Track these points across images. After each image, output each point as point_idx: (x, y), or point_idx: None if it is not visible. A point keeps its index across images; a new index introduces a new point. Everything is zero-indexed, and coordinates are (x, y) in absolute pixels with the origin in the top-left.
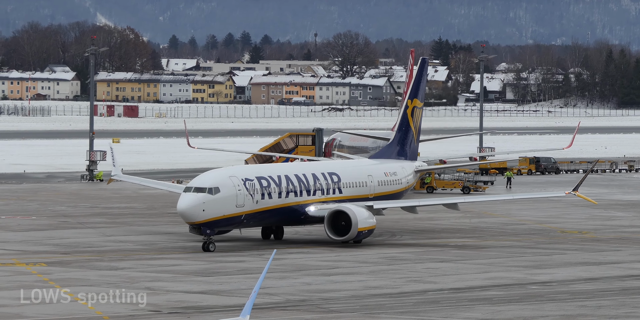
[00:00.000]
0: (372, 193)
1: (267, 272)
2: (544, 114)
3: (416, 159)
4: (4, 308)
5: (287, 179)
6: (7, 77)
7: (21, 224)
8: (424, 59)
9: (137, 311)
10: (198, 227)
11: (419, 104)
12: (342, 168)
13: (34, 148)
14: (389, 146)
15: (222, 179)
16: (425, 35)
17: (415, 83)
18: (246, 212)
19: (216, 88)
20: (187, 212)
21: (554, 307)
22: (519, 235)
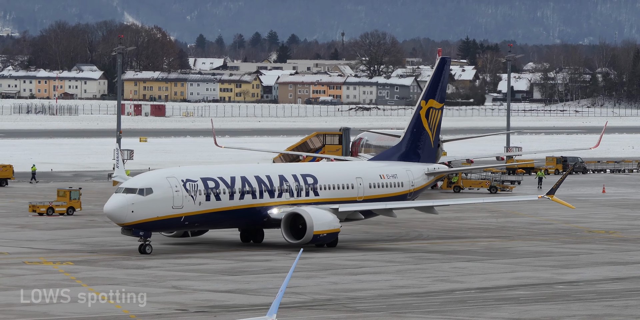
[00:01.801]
0: (361, 196)
1: (293, 271)
2: (571, 113)
3: (434, 161)
4: (31, 306)
5: (243, 180)
6: (34, 76)
7: (48, 222)
8: (443, 59)
9: (164, 310)
10: (130, 229)
11: (437, 104)
12: (321, 170)
13: (61, 147)
14: (395, 148)
15: (157, 180)
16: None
17: (432, 83)
18: (186, 214)
19: (243, 87)
20: (113, 213)
21: (580, 307)
22: (546, 235)
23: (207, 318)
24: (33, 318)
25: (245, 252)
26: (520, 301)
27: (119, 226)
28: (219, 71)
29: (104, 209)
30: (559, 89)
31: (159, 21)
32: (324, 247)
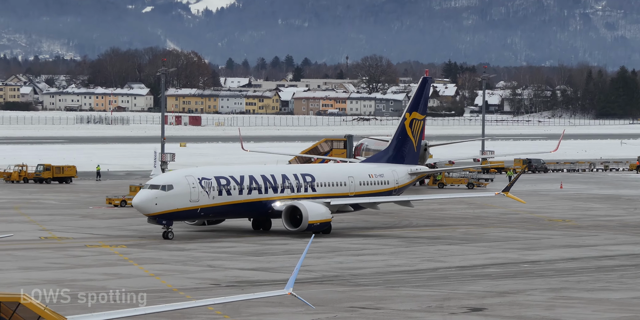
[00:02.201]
0: (353, 191)
1: (306, 253)
2: (535, 123)
3: (417, 162)
4: (91, 282)
5: (251, 179)
6: (93, 92)
7: (105, 213)
8: (424, 78)
9: (201, 284)
10: (154, 218)
11: (420, 116)
12: (319, 170)
13: (115, 151)
14: (384, 152)
15: (177, 178)
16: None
17: (415, 98)
18: (202, 206)
19: (265, 102)
20: (139, 206)
21: (541, 282)
22: (513, 223)
23: (235, 291)
24: (93, 291)
25: (267, 238)
26: (492, 277)
27: (146, 216)
28: (245, 88)
29: (132, 202)
30: (525, 103)
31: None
32: (319, 234)
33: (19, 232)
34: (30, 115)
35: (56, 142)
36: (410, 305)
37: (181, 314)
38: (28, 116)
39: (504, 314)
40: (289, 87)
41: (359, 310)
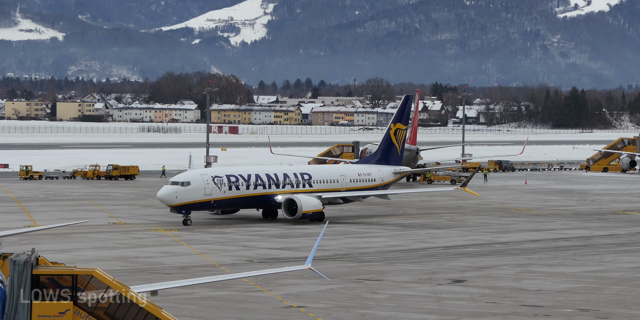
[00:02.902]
0: (344, 187)
1: (322, 236)
2: (505, 132)
3: (400, 164)
4: (150, 258)
5: (256, 177)
6: (152, 107)
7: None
8: (407, 96)
9: (237, 261)
10: (175, 208)
11: (402, 126)
12: (315, 170)
13: (170, 154)
14: (373, 155)
15: (194, 176)
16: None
17: (399, 111)
18: (215, 199)
19: (289, 115)
20: (163, 198)
21: (511, 259)
22: (488, 212)
23: (265, 265)
24: (152, 266)
25: (290, 225)
26: (471, 255)
27: (168, 207)
28: (273, 104)
29: (157, 195)
30: (496, 115)
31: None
32: (313, 221)
33: (93, 218)
34: (102, 125)
35: (123, 147)
36: (405, 278)
37: (222, 285)
38: (100, 126)
39: (481, 284)
40: (308, 103)
41: (364, 281)
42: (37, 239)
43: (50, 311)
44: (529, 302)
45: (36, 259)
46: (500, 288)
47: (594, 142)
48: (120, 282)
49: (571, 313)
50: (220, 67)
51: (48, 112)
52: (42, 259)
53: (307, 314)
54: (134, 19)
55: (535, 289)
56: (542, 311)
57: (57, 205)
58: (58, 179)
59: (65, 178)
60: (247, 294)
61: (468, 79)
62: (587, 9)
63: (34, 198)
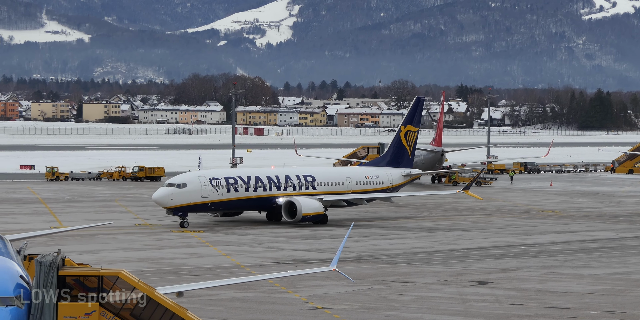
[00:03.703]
0: (350, 190)
1: (347, 237)
2: (530, 134)
3: (411, 167)
4: (176, 259)
5: (257, 179)
6: (178, 109)
7: None
8: (418, 98)
9: (263, 262)
10: (171, 211)
11: (413, 129)
12: (319, 172)
13: (196, 155)
14: (382, 157)
15: (190, 178)
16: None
17: (410, 113)
18: (212, 201)
19: (314, 116)
20: (158, 200)
21: (536, 261)
22: (513, 213)
23: (291, 267)
24: (178, 267)
25: (314, 227)
26: (496, 257)
27: (164, 209)
28: (299, 106)
29: (152, 197)
30: (521, 117)
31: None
32: (314, 224)
33: (118, 220)
34: (128, 127)
35: (148, 148)
36: (430, 279)
37: (248, 286)
38: (126, 128)
39: (506, 286)
40: (333, 104)
41: (389, 283)
42: (63, 240)
43: (76, 312)
44: (554, 304)
45: (62, 260)
46: (526, 290)
47: (619, 144)
48: (146, 284)
49: (596, 315)
50: (246, 68)
51: (74, 113)
52: (68, 260)
53: (332, 315)
54: (160, 20)
55: (561, 291)
56: (567, 313)
57: (83, 206)
58: (84, 180)
59: (91, 179)
60: (272, 296)
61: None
62: (612, 10)
63: (60, 199)
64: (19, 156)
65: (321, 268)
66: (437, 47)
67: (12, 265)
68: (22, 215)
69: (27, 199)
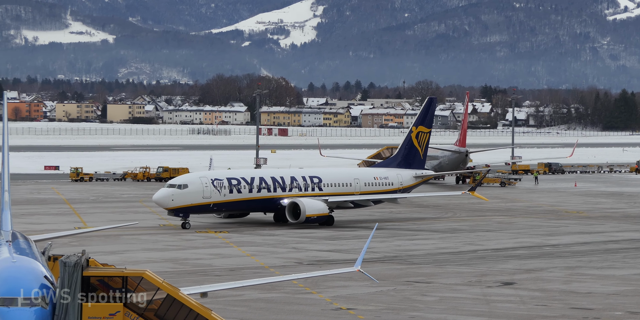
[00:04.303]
0: (358, 191)
1: (371, 238)
2: (554, 134)
3: (422, 168)
4: (200, 260)
5: (260, 180)
6: (202, 109)
7: None
8: (430, 98)
9: (287, 263)
10: (172, 212)
11: (425, 129)
12: (326, 173)
13: (220, 156)
14: (393, 159)
15: (192, 179)
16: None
17: (422, 114)
18: (214, 202)
19: (338, 117)
20: (158, 201)
21: (560, 262)
22: (537, 214)
23: (315, 268)
24: (202, 267)
25: (339, 227)
26: (520, 258)
27: (165, 210)
28: (323, 106)
29: (153, 198)
30: (546, 118)
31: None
32: (322, 226)
33: (143, 220)
34: (152, 127)
35: (173, 149)
36: (454, 280)
37: (272, 287)
38: (151, 128)
39: (530, 287)
40: (357, 105)
41: (414, 283)
42: (87, 241)
43: (100, 313)
44: (578, 305)
45: (86, 260)
46: (550, 291)
47: None
48: (170, 284)
49: (621, 316)
50: (270, 69)
51: (98, 114)
52: (93, 261)
53: (356, 316)
54: (184, 21)
55: (585, 291)
56: (592, 314)
57: (108, 207)
58: (108, 180)
59: (115, 180)
60: (296, 296)
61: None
62: (636, 11)
63: (84, 200)
64: (43, 157)
65: (345, 269)
66: (462, 47)
67: (36, 266)
68: (47, 216)
69: (52, 200)
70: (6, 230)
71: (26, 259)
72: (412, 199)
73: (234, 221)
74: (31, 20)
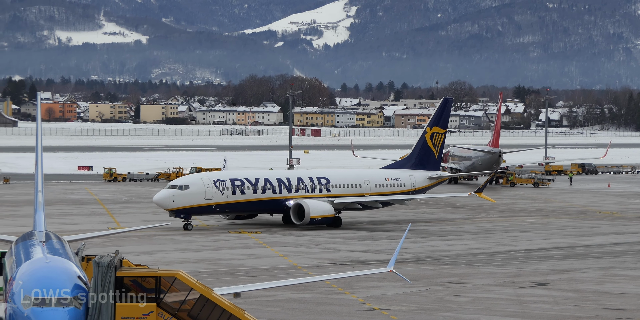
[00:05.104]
0: (368, 192)
1: (404, 238)
2: (587, 135)
3: (437, 169)
4: (233, 260)
5: (265, 181)
6: (235, 110)
7: None
8: (445, 99)
9: (320, 263)
10: (173, 213)
11: (440, 130)
12: (334, 174)
13: (253, 156)
14: (407, 160)
15: (193, 179)
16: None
17: (437, 115)
18: (216, 203)
19: (371, 117)
20: (159, 202)
21: (594, 262)
22: (571, 215)
23: (348, 268)
24: (235, 268)
25: (373, 227)
26: (554, 258)
27: (166, 211)
28: (356, 107)
29: (153, 199)
30: (579, 118)
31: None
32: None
33: (176, 221)
34: (185, 128)
35: (206, 149)
36: (487, 281)
37: (305, 287)
38: (184, 129)
39: (563, 287)
40: (390, 106)
41: (447, 284)
42: (120, 241)
43: (133, 313)
44: (612, 306)
45: (120, 261)
46: (583, 291)
47: None
48: (203, 284)
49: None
50: (303, 69)
51: (132, 114)
52: (126, 261)
53: (389, 316)
54: (217, 22)
55: (619, 292)
56: (625, 315)
57: (141, 207)
58: (141, 181)
59: (148, 180)
60: (329, 297)
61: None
62: None
63: (117, 200)
64: (77, 157)
65: (378, 269)
66: (495, 48)
67: (70, 266)
68: (80, 216)
69: (85, 200)
70: (40, 230)
71: (60, 259)
72: (421, 200)
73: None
74: (65, 21)
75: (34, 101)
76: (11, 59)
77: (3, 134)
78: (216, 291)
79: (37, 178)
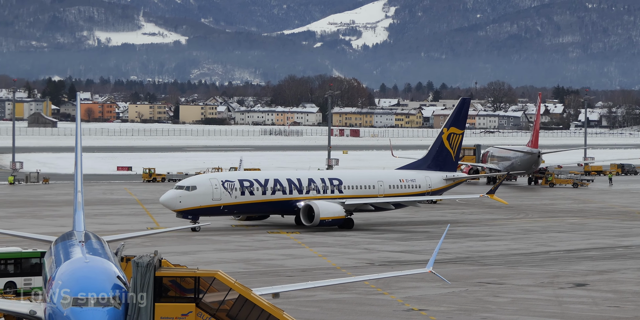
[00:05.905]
0: (382, 193)
1: (443, 239)
2: (627, 135)
3: (454, 170)
4: (272, 261)
5: (275, 181)
6: (274, 110)
7: None
8: (463, 99)
9: (359, 263)
10: (181, 214)
11: (458, 131)
12: (347, 175)
13: (291, 157)
14: (422, 161)
15: (201, 180)
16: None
17: (454, 115)
18: (224, 204)
19: (410, 118)
20: (165, 203)
21: (633, 263)
22: (610, 215)
23: (386, 269)
24: (274, 268)
25: (411, 227)
26: (593, 259)
27: (173, 212)
28: (395, 107)
29: (160, 200)
30: (618, 119)
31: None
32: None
33: (215, 221)
34: (224, 128)
35: (245, 149)
36: (527, 281)
37: (344, 287)
38: (223, 129)
39: (603, 288)
40: (429, 106)
41: (486, 285)
42: (159, 241)
43: (172, 313)
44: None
45: (159, 261)
46: (623, 292)
47: None
48: (242, 284)
49: None
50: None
51: (171, 115)
52: (165, 262)
53: (428, 317)
54: (256, 22)
55: None
56: None
57: None
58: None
59: None
60: (368, 297)
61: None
62: None
63: (156, 200)
64: (116, 157)
65: (417, 270)
66: (534, 48)
67: (109, 266)
68: (119, 217)
69: (124, 200)
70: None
71: (99, 259)
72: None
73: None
74: (104, 21)
75: (73, 101)
76: (51, 59)
77: (43, 134)
78: (255, 291)
79: (77, 178)
